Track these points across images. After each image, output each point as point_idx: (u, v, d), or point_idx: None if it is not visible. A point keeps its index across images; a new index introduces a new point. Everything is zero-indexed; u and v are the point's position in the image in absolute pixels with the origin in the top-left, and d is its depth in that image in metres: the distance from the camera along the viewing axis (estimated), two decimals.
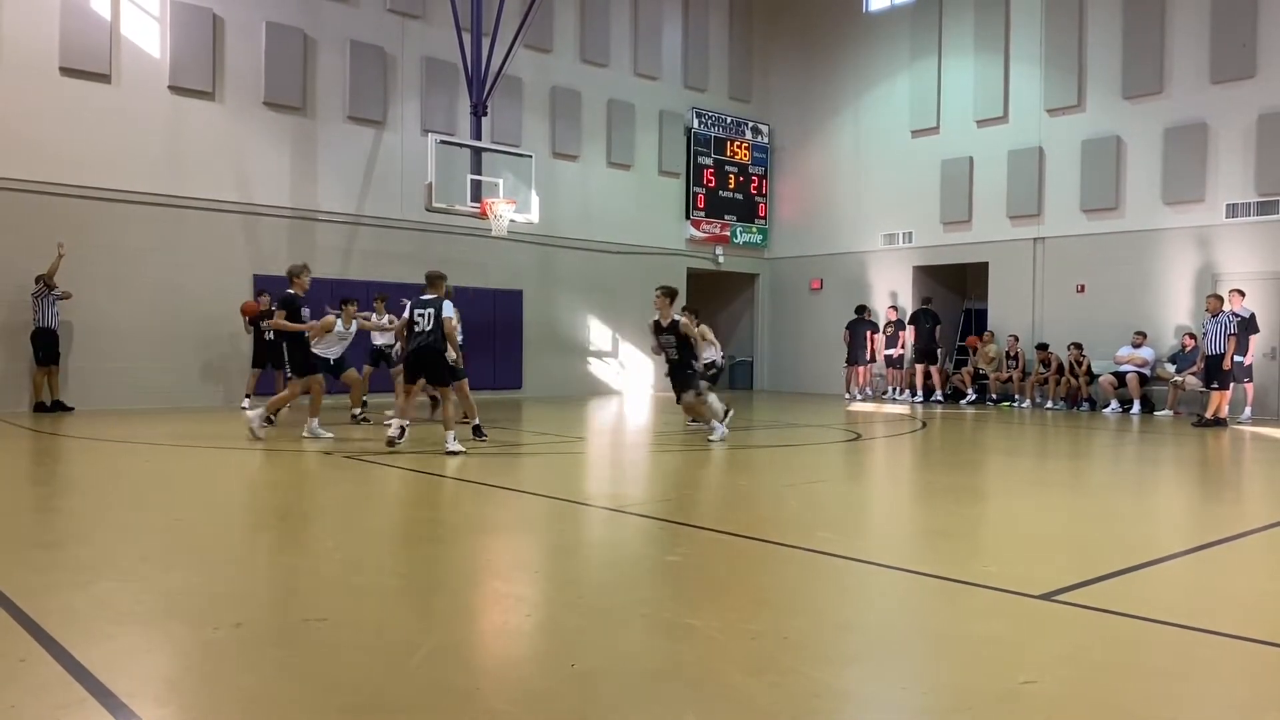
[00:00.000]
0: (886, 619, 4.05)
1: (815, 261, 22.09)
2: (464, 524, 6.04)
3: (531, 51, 18.47)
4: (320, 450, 9.41)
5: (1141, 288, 16.96)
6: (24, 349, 13.49)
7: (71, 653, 3.25)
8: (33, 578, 4.33)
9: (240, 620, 3.72)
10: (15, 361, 13.62)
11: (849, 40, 21.45)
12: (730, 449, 9.97)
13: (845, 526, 6.21)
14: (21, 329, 13.48)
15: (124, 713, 2.77)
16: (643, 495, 7.50)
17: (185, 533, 5.61)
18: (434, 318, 9.25)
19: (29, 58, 13.73)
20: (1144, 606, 4.07)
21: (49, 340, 13.44)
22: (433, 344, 9.24)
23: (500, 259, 18.33)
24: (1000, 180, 18.81)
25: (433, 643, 3.50)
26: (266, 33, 15.81)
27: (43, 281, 13.31)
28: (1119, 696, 3.07)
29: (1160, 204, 16.74)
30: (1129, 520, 6.55)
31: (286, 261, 16.05)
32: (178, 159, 15.05)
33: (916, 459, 10.06)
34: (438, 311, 9.29)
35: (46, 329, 13.39)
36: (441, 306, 9.32)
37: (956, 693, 3.06)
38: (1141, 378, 16.06)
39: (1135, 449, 11.23)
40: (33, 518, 6.21)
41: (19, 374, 13.64)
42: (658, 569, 4.86)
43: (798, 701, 2.98)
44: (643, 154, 20.84)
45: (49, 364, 13.44)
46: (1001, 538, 5.96)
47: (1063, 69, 17.87)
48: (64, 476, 8.30)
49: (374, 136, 17.10)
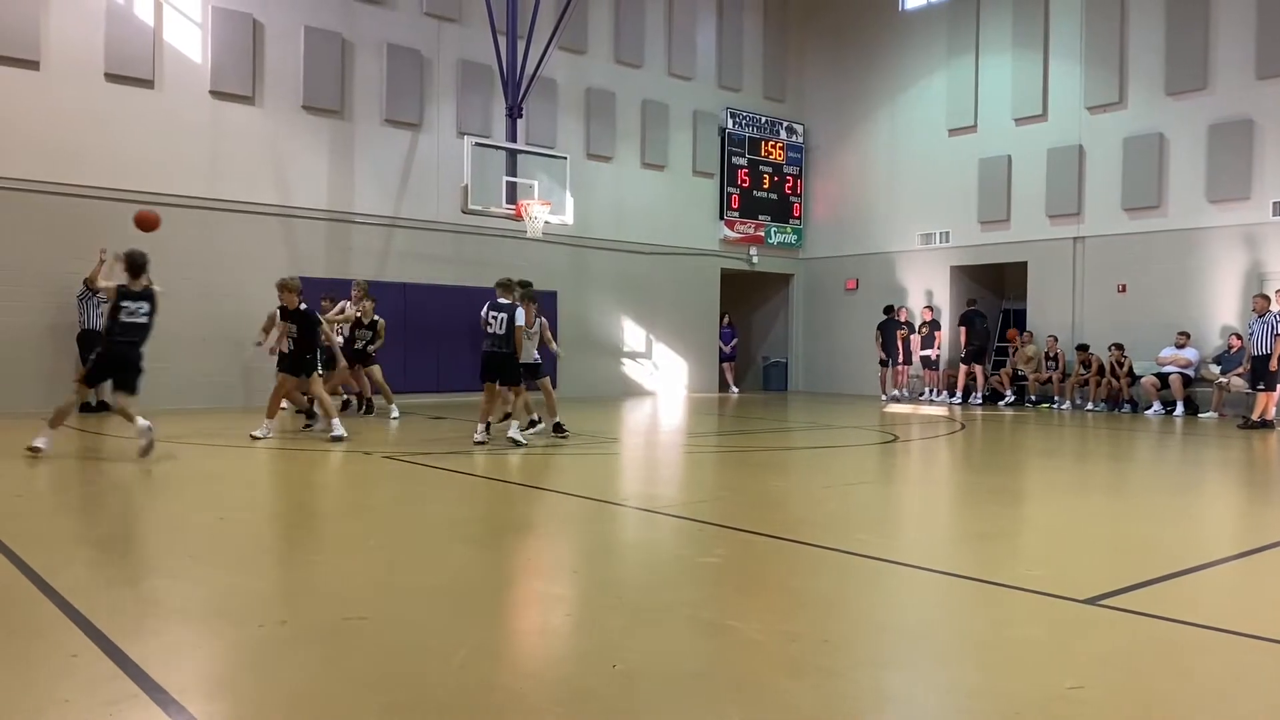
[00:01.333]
0: (928, 622, 4.01)
1: (850, 261, 21.95)
2: (503, 524, 6.07)
3: (566, 53, 18.53)
4: (361, 451, 9.50)
5: (1185, 287, 16.67)
6: (70, 350, 13.75)
7: (122, 648, 3.30)
8: (82, 574, 4.41)
9: (285, 618, 3.76)
10: (61, 362, 13.88)
11: (884, 39, 21.29)
12: (766, 452, 9.93)
13: (884, 529, 6.17)
14: (68, 330, 13.76)
15: (175, 708, 2.81)
16: (680, 496, 7.49)
17: (229, 531, 5.69)
18: (507, 323, 9.87)
19: (75, 65, 14.00)
20: (1191, 612, 4.01)
21: (94, 342, 13.67)
22: (503, 347, 9.89)
23: (535, 260, 18.39)
24: (1039, 179, 18.57)
25: (474, 642, 3.52)
26: (305, 37, 16.01)
27: (87, 284, 13.57)
28: (1167, 703, 3.02)
29: (1205, 202, 16.45)
30: (1174, 524, 6.45)
31: (324, 263, 16.34)
32: (218, 162, 15.28)
33: (956, 461, 9.96)
34: (510, 317, 9.88)
35: (91, 331, 13.63)
36: (514, 313, 9.92)
37: (1001, 698, 3.03)
38: (1185, 379, 15.80)
39: (1179, 451, 11.04)
40: (80, 516, 6.33)
41: (65, 374, 13.89)
42: (697, 570, 4.85)
43: (840, 704, 2.96)
44: (677, 155, 20.83)
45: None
46: (1044, 541, 5.88)
47: (1104, 65, 17.62)
48: (109, 476, 8.45)
49: (410, 139, 17.24)
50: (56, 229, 13.84)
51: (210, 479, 7.86)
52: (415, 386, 15.88)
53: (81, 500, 7.00)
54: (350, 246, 16.50)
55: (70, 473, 8.30)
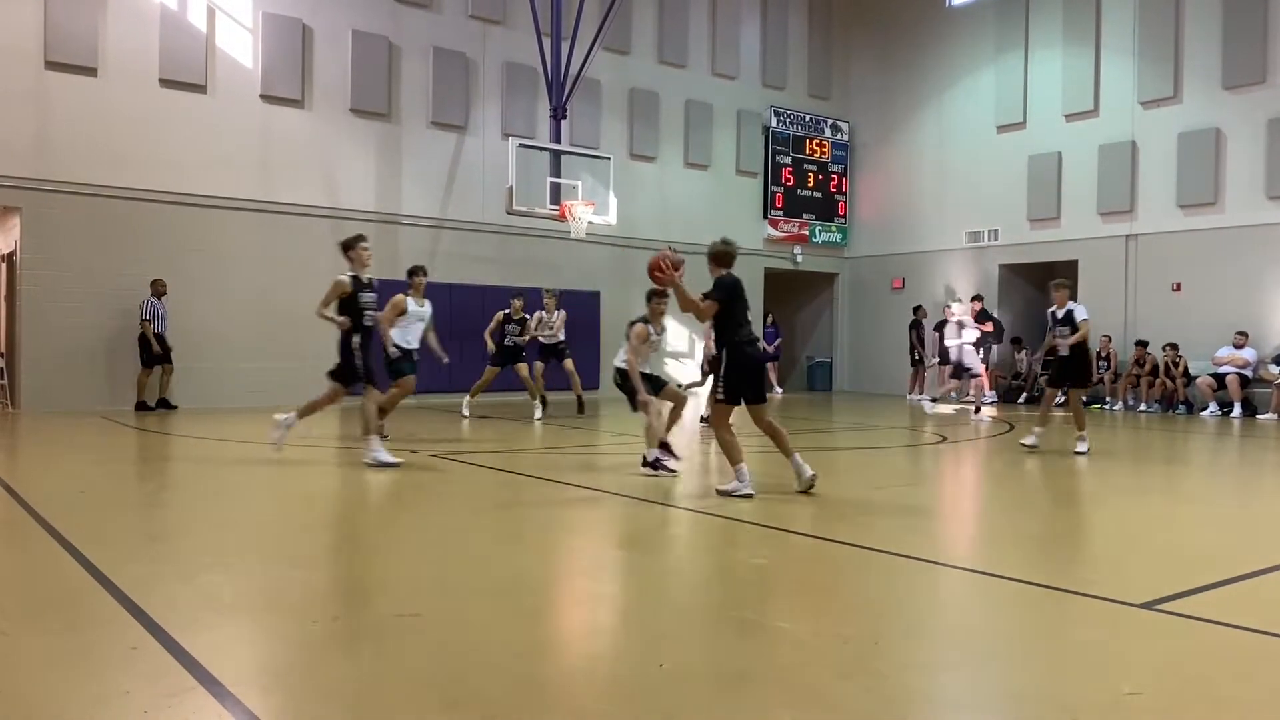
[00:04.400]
0: (981, 625, 3.95)
1: (896, 260, 21.73)
2: (550, 523, 6.10)
3: (610, 54, 18.56)
4: (408, 449, 9.59)
5: (1243, 286, 16.27)
6: (132, 350, 14.08)
7: (180, 642, 3.37)
8: (140, 569, 4.51)
9: (337, 614, 3.82)
10: (119, 361, 14.20)
11: (931, 35, 21.05)
12: (812, 453, 9.85)
13: (935, 531, 6.10)
14: (123, 331, 14.09)
15: (231, 701, 2.86)
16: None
17: (282, 528, 5.78)
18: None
19: (131, 71, 14.34)
20: (1251, 617, 3.90)
21: (157, 342, 14.06)
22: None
23: (578, 260, 18.47)
24: (1090, 176, 18.24)
25: (525, 639, 3.54)
26: (353, 41, 16.23)
27: (153, 287, 14.04)
28: (1227, 708, 2.95)
29: (1264, 198, 16.04)
30: (1233, 527, 6.29)
31: (374, 265, 16.47)
32: (269, 165, 15.54)
33: (1006, 462, 9.81)
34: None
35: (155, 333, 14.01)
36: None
37: (1057, 702, 2.97)
38: (1243, 379, 15.42)
39: (1237, 453, 10.78)
40: (138, 512, 6.48)
41: (127, 374, 14.22)
42: (744, 571, 4.83)
43: (891, 707, 2.93)
44: (720, 154, 20.78)
45: (156, 364, 14.05)
46: (1099, 544, 5.78)
47: (1158, 59, 17.25)
48: (167, 473, 8.63)
49: (456, 141, 17.39)
50: (112, 231, 14.18)
51: (264, 477, 7.99)
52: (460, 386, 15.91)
53: (141, 497, 7.16)
54: (398, 248, 16.69)
55: (130, 471, 8.49)
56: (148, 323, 13.97)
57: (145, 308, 14.01)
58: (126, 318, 14.13)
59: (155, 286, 14.13)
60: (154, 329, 13.97)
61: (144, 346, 13.98)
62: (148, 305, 14.02)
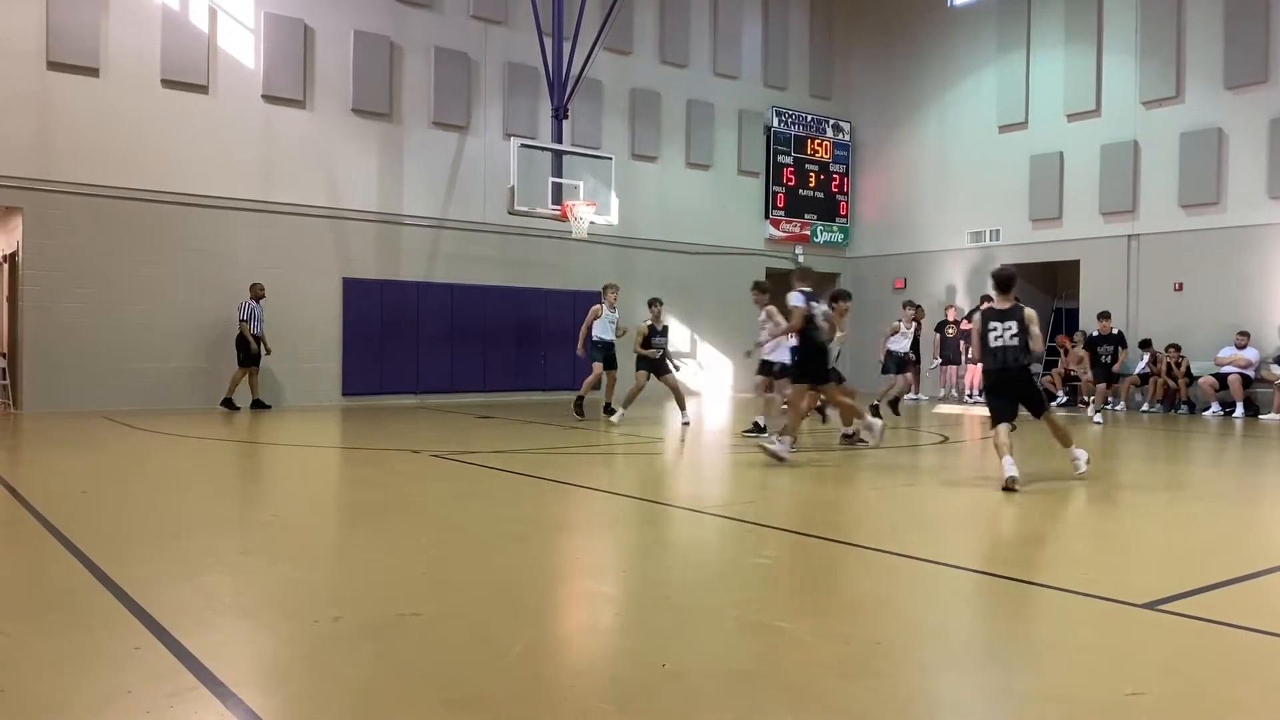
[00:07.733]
0: (982, 626, 3.96)
1: (898, 260, 21.72)
2: (553, 523, 6.10)
3: (611, 54, 18.56)
4: (410, 450, 9.60)
5: (1245, 285, 16.25)
6: (135, 350, 14.14)
7: (181, 642, 3.37)
8: (143, 569, 4.51)
9: (339, 614, 3.82)
10: (120, 361, 14.22)
11: (932, 35, 21.04)
12: (812, 451, 9.84)
13: (936, 531, 6.09)
14: (129, 331, 14.14)
15: (232, 701, 2.87)
16: (727, 497, 7.47)
17: (283, 528, 5.78)
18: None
19: (133, 71, 14.34)
20: (1253, 618, 3.90)
21: (247, 344, 14.47)
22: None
23: (580, 261, 18.45)
24: (1092, 175, 18.23)
25: (526, 639, 3.54)
26: (354, 41, 16.23)
27: (252, 290, 14.51)
28: (1229, 709, 2.95)
29: (1266, 198, 16.03)
30: (1235, 527, 6.29)
31: (373, 265, 16.54)
32: (270, 165, 15.54)
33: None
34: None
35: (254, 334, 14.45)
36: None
37: (1059, 703, 2.97)
38: (1245, 379, 15.41)
39: (1239, 453, 10.77)
40: (140, 512, 6.47)
41: (128, 374, 14.24)
42: (746, 571, 4.83)
43: (893, 707, 2.93)
44: (722, 154, 20.77)
45: (253, 364, 14.52)
46: (1101, 544, 5.77)
47: (1160, 59, 17.24)
48: (168, 473, 8.64)
49: (457, 141, 17.39)
50: (114, 231, 14.19)
51: (266, 477, 8.00)
52: (461, 386, 16.01)
53: (143, 497, 7.16)
54: (399, 248, 16.69)
55: (133, 470, 8.49)
56: (246, 324, 14.38)
57: (243, 309, 14.45)
58: (127, 317, 14.14)
59: (254, 290, 14.60)
60: (251, 329, 14.38)
61: (241, 347, 14.28)
62: (245, 306, 14.46)
